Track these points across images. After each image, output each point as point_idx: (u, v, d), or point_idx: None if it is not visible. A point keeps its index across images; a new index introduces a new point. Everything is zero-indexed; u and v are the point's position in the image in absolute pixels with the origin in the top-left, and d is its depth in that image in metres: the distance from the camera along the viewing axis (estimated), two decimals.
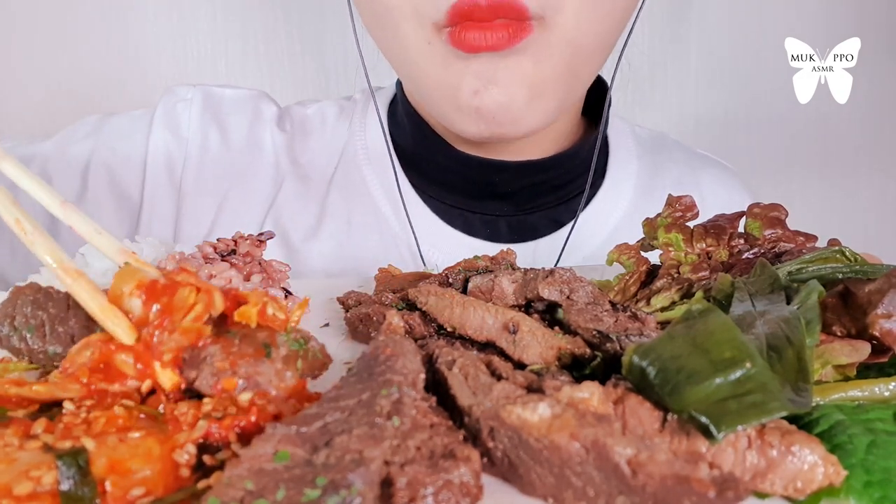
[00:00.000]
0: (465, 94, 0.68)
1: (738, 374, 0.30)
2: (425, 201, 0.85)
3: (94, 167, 0.83)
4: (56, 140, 0.84)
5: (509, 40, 0.64)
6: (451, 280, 0.53)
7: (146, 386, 0.35)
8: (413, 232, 0.82)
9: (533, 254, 0.85)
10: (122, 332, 0.36)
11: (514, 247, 0.71)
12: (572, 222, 0.84)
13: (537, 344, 0.40)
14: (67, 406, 0.34)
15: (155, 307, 0.36)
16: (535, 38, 0.66)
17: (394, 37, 0.71)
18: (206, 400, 0.35)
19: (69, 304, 0.40)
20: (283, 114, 0.91)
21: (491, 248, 0.81)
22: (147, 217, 0.84)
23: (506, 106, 0.68)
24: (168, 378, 0.35)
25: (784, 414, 0.30)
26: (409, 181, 0.85)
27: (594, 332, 0.40)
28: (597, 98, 0.87)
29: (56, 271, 0.37)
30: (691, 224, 0.56)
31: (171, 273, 0.38)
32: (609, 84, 0.84)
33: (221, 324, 0.38)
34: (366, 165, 0.86)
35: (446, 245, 0.83)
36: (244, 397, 0.34)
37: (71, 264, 0.37)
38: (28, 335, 0.39)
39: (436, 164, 0.83)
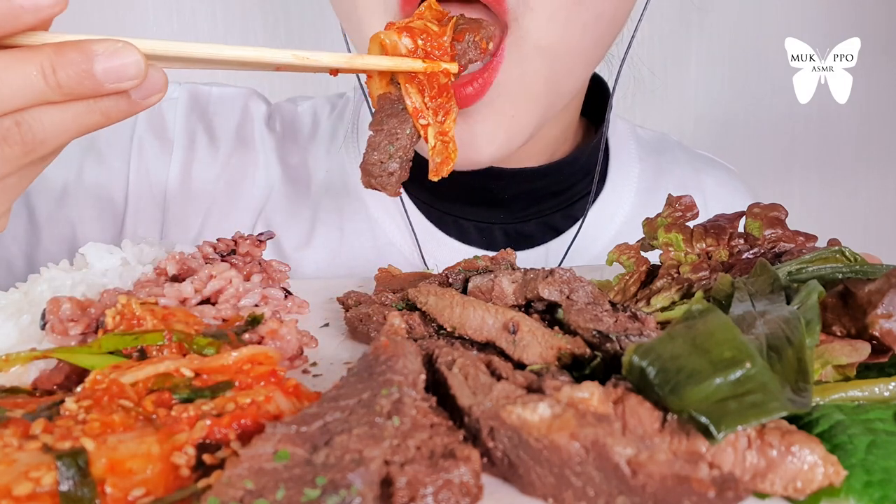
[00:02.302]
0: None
1: (738, 374, 0.30)
2: (418, 206, 0.82)
3: (75, 170, 0.79)
4: None
5: (476, 95, 0.60)
6: (451, 280, 0.53)
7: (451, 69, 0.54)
8: (415, 236, 0.80)
9: (544, 259, 0.82)
10: (413, 63, 0.52)
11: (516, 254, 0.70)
12: (578, 224, 0.82)
13: (537, 344, 0.40)
14: (68, 406, 0.34)
15: (420, 39, 0.53)
16: (507, 64, 0.61)
17: (358, 31, 0.67)
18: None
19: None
20: (272, 112, 0.87)
21: None
22: (132, 222, 0.80)
23: (469, 157, 0.65)
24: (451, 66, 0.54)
25: (784, 414, 0.29)
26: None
27: (594, 332, 0.40)
28: (596, 97, 0.86)
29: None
30: (691, 224, 0.56)
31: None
32: (612, 90, 0.82)
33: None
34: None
35: (440, 253, 0.81)
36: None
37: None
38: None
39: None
